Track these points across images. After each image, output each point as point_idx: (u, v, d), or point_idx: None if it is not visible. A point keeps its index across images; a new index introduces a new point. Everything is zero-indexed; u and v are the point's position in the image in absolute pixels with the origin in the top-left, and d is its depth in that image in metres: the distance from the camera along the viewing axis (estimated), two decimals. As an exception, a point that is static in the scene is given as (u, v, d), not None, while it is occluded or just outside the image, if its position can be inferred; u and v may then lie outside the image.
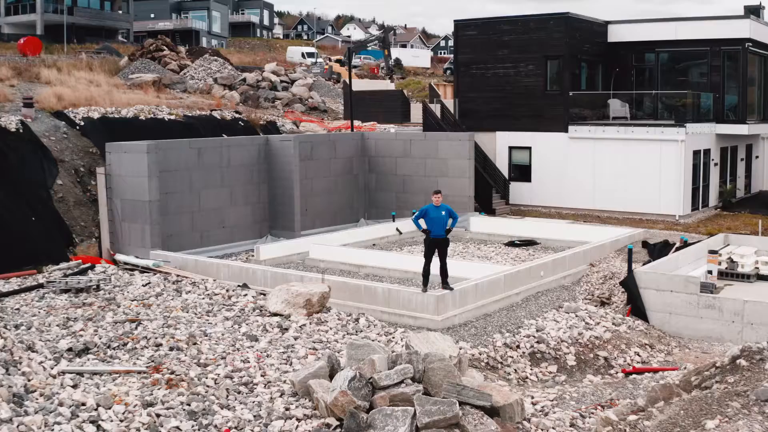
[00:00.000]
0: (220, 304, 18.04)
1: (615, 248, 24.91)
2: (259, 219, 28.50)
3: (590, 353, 17.28)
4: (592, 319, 18.68)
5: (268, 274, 20.41)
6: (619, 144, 31.69)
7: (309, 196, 29.44)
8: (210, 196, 26.88)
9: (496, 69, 34.60)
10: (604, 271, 22.63)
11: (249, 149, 28.22)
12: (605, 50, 35.33)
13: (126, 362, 14.13)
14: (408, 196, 31.15)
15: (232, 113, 36.80)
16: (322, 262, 24.08)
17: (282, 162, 28.34)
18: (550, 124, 33.33)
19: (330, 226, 29.66)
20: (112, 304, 18.44)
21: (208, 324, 16.41)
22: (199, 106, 39.04)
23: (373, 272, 22.94)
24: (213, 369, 13.55)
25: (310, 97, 45.54)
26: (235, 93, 43.76)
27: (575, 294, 21.16)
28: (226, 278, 21.26)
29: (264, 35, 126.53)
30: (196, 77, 49.83)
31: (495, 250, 26.55)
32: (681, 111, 31.74)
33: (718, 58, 33.53)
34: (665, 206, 30.81)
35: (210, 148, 27.06)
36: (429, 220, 17.69)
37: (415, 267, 22.07)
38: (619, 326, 18.69)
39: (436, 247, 17.88)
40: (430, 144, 30.70)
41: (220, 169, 27.24)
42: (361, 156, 31.99)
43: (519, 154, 34.43)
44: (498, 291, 19.25)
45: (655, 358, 17.87)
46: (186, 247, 25.63)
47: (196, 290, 19.48)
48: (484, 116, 34.64)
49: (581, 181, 32.60)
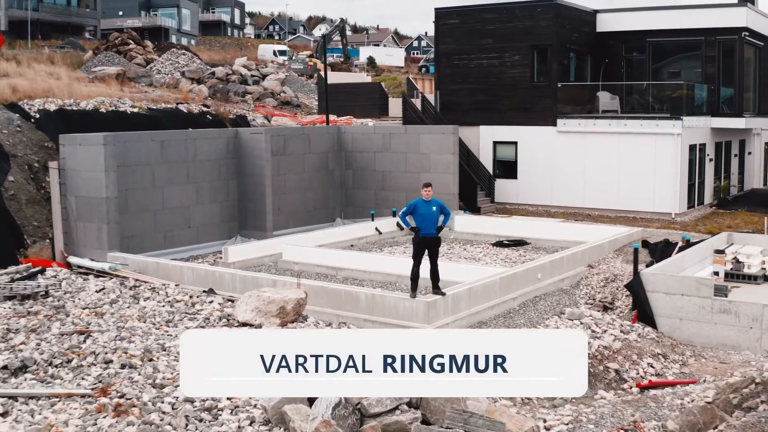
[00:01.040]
0: (182, 313, 15.97)
1: (613, 248, 23.11)
2: (227, 218, 26.44)
3: (599, 365, 15.42)
4: (598, 326, 16.81)
5: (236, 278, 18.37)
6: (611, 138, 29.91)
7: (282, 193, 27.46)
8: (174, 193, 24.80)
9: (479, 59, 32.70)
10: (604, 272, 20.80)
11: (217, 142, 26.14)
12: (594, 41, 33.55)
13: (69, 383, 12.06)
14: (388, 193, 29.22)
15: (200, 107, 34.67)
16: (296, 265, 22.08)
17: (253, 157, 26.29)
18: (537, 117, 31.49)
19: (304, 226, 27.74)
20: (61, 313, 16.34)
21: (168, 336, 14.34)
22: (165, 99, 36.97)
23: (352, 275, 20.99)
24: (171, 391, 11.50)
25: (282, 92, 43.45)
26: (203, 87, 41.62)
27: (576, 298, 19.31)
28: (191, 283, 19.20)
29: (235, 34, 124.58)
30: (163, 71, 47.74)
31: (482, 251, 24.66)
32: (677, 103, 29.97)
33: (713, 49, 31.85)
34: (660, 204, 29.07)
35: (174, 141, 24.96)
36: (418, 217, 15.71)
37: (398, 269, 20.20)
38: (628, 334, 16.84)
39: (426, 247, 15.90)
40: (411, 138, 28.76)
41: (185, 164, 25.15)
42: (338, 151, 30.02)
43: (504, 150, 32.56)
44: (493, 296, 17.33)
45: (669, 370, 16.05)
46: (148, 248, 23.55)
47: (155, 297, 17.37)
48: (467, 109, 32.74)
49: (571, 178, 30.80)
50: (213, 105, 36.21)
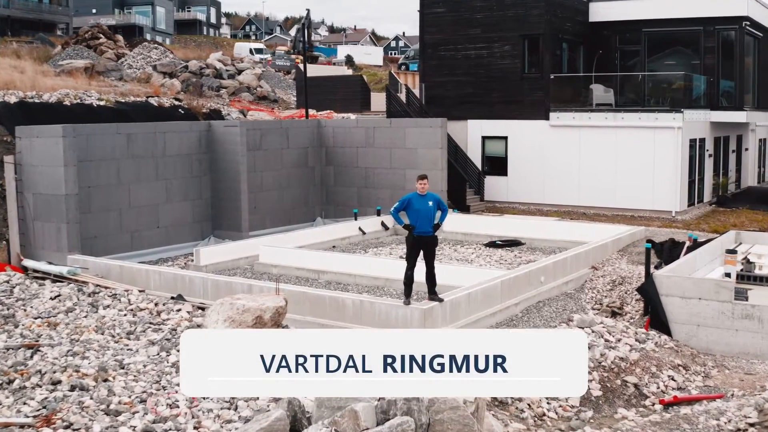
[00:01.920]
0: (145, 323, 14.09)
1: (617, 248, 21.49)
2: (200, 217, 24.59)
3: (616, 379, 13.72)
4: (611, 334, 15.12)
5: (208, 283, 16.54)
6: (608, 132, 28.29)
7: (258, 191, 25.68)
8: (142, 190, 22.94)
9: (467, 50, 30.98)
10: (610, 275, 19.15)
11: (188, 136, 24.28)
12: (586, 31, 31.95)
13: (7, 409, 10.20)
14: (371, 191, 27.47)
15: (171, 100, 32.77)
16: (274, 268, 20.29)
17: (227, 151, 24.46)
18: (528, 110, 29.84)
19: (283, 226, 26.02)
20: (9, 323, 14.42)
21: (127, 351, 12.49)
22: (135, 93, 35.10)
23: (335, 279, 19.24)
24: (127, 419, 9.68)
25: (259, 86, 41.55)
26: (175, 81, 39.65)
27: (582, 303, 17.63)
28: (158, 288, 17.37)
29: (211, 33, 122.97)
30: (134, 66, 45.80)
31: (474, 251, 22.96)
32: (677, 95, 28.38)
33: (712, 39, 30.33)
34: (660, 201, 27.50)
35: (142, 135, 23.09)
36: (412, 213, 13.96)
37: (385, 272, 18.53)
38: (644, 343, 15.16)
39: (421, 247, 14.13)
40: (396, 132, 26.99)
41: (153, 159, 23.29)
42: (318, 146, 28.22)
43: (493, 145, 30.87)
44: (494, 301, 15.61)
45: (692, 383, 14.38)
46: (113, 250, 21.73)
47: (116, 304, 15.45)
48: (454, 103, 31.01)
49: (564, 175, 29.16)
50: (185, 99, 34.29)
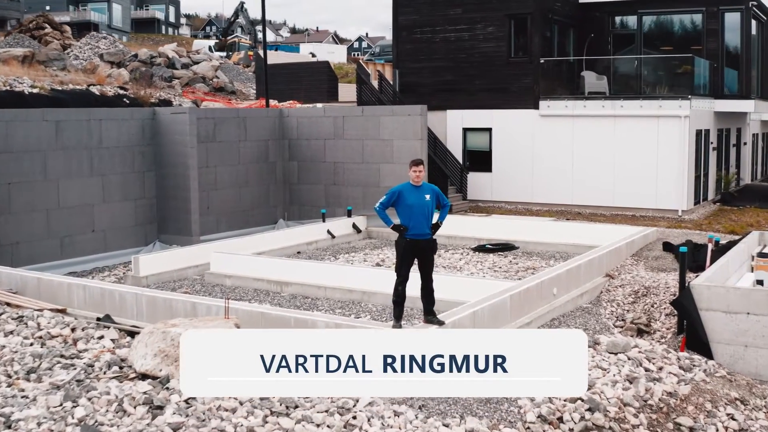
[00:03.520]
0: (54, 356, 10.72)
1: (630, 252, 18.49)
2: (143, 220, 21.24)
3: (667, 422, 10.64)
4: (652, 362, 12.07)
5: (143, 301, 13.21)
6: (605, 122, 25.37)
7: (211, 189, 22.44)
8: (74, 187, 19.58)
9: (446, 32, 27.89)
10: (630, 284, 16.11)
11: (129, 125, 20.91)
12: (577, 12, 29.02)
13: None
14: (341, 188, 24.28)
15: (116, 89, 29.38)
16: (227, 278, 17.02)
17: (174, 143, 21.14)
18: (515, 99, 26.85)
19: (240, 229, 22.84)
20: None
21: (21, 399, 9.13)
22: (76, 82, 31.77)
23: (301, 292, 16.04)
24: None
25: (215, 77, 38.14)
26: (123, 71, 36.22)
27: (602, 320, 14.55)
28: (82, 306, 14.03)
29: (170, 32, 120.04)
30: (81, 57, 42.37)
31: (462, 257, 19.85)
32: (682, 81, 25.46)
33: (715, 21, 27.51)
34: (664, 199, 24.63)
35: (74, 122, 19.69)
36: (405, 210, 10.78)
37: (361, 284, 15.41)
38: (691, 371, 12.12)
39: (416, 254, 10.92)
40: (369, 121, 23.79)
41: (88, 151, 19.92)
42: (280, 138, 24.98)
43: (476, 138, 27.80)
44: (503, 320, 12.47)
45: (755, 422, 11.33)
46: (39, 259, 18.47)
47: (22, 329, 12.05)
48: (432, 91, 27.91)
49: (556, 170, 26.21)
50: (132, 88, 30.93)
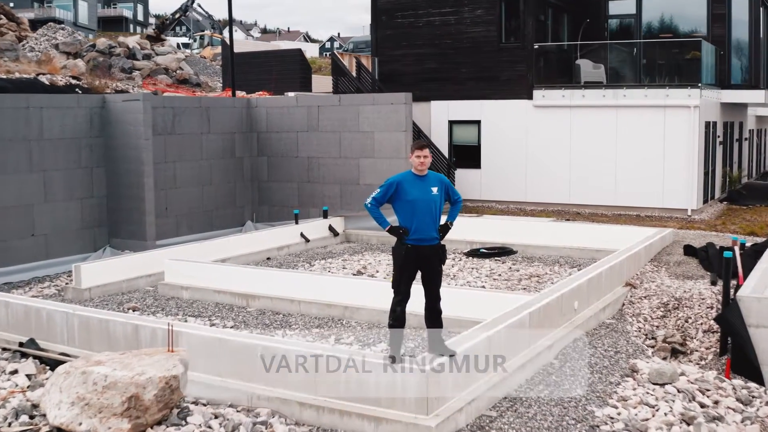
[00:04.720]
0: (-57, 401, 8.20)
1: (648, 257, 16.19)
2: (92, 222, 18.65)
3: (740, 478, 8.32)
4: (706, 394, 9.74)
5: (74, 322, 10.63)
6: (606, 113, 23.11)
7: (170, 187, 19.91)
8: (10, 185, 16.99)
9: (430, 16, 25.53)
10: (657, 295, 13.77)
11: (75, 114, 18.30)
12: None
13: None
14: (316, 187, 21.82)
15: (67, 78, 26.73)
16: (185, 291, 14.49)
17: (127, 134, 18.57)
18: (506, 88, 24.55)
19: (202, 232, 20.36)
20: None
21: None
22: (25, 72, 29.15)
23: (271, 307, 13.54)
24: None
25: (179, 68, 35.51)
26: (79, 61, 33.52)
27: (631, 338, 12.17)
28: (5, 328, 11.47)
29: (138, 31, 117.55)
30: (36, 48, 39.64)
31: (455, 263, 17.46)
32: (691, 68, 23.21)
33: (721, 5, 25.33)
34: (672, 198, 22.42)
35: (9, 110, 17.07)
36: (405, 207, 8.35)
37: (342, 297, 13.01)
38: (751, 405, 9.81)
39: (419, 264, 8.50)
40: (347, 111, 21.33)
41: (26, 144, 17.31)
42: (248, 131, 22.48)
43: (463, 131, 25.44)
44: (522, 344, 10.04)
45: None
46: (-34, 267, 15.81)
47: None
48: (415, 81, 25.56)
49: (552, 167, 23.92)
50: (86, 78, 28.31)
